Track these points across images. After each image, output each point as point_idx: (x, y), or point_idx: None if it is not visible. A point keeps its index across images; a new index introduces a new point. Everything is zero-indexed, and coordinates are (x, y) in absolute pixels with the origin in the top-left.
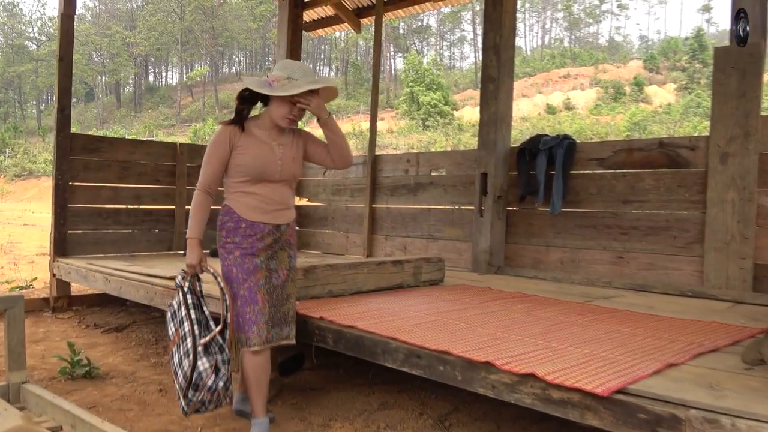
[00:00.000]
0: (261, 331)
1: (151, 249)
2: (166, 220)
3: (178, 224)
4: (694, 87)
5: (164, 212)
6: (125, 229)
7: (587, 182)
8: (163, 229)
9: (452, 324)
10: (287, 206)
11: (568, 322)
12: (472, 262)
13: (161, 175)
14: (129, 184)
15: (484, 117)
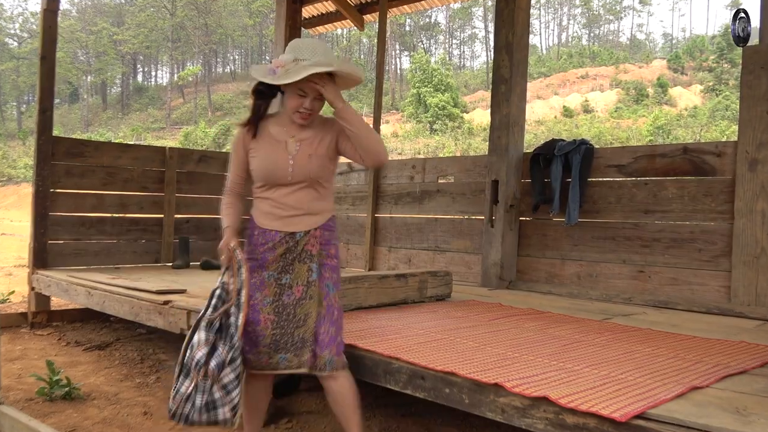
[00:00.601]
0: (261, 355)
1: (138, 261)
2: (153, 229)
3: (167, 234)
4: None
5: (152, 221)
6: (110, 239)
7: (606, 190)
8: (150, 239)
9: (459, 343)
10: (306, 211)
11: (585, 342)
12: (482, 276)
13: (149, 182)
14: (114, 191)
15: (496, 120)
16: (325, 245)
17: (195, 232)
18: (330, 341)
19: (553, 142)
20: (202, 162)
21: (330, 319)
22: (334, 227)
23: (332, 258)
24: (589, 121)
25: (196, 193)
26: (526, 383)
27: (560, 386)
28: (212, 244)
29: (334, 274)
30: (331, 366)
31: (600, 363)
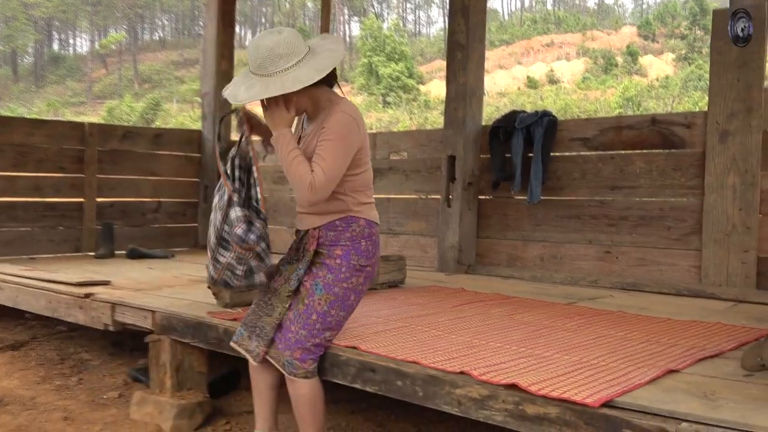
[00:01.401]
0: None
1: (55, 250)
2: (73, 215)
3: (88, 220)
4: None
5: (71, 206)
6: (23, 226)
7: (570, 166)
8: (69, 226)
9: (421, 331)
10: (308, 211)
11: (554, 327)
12: (439, 260)
13: (67, 162)
14: (27, 173)
15: (452, 90)
16: (330, 246)
17: (120, 217)
18: (295, 343)
19: (514, 114)
20: (127, 139)
21: (303, 321)
22: (345, 229)
23: (335, 259)
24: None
25: (120, 174)
26: (494, 371)
27: (530, 373)
28: (139, 230)
29: (330, 275)
30: (290, 368)
31: (571, 348)
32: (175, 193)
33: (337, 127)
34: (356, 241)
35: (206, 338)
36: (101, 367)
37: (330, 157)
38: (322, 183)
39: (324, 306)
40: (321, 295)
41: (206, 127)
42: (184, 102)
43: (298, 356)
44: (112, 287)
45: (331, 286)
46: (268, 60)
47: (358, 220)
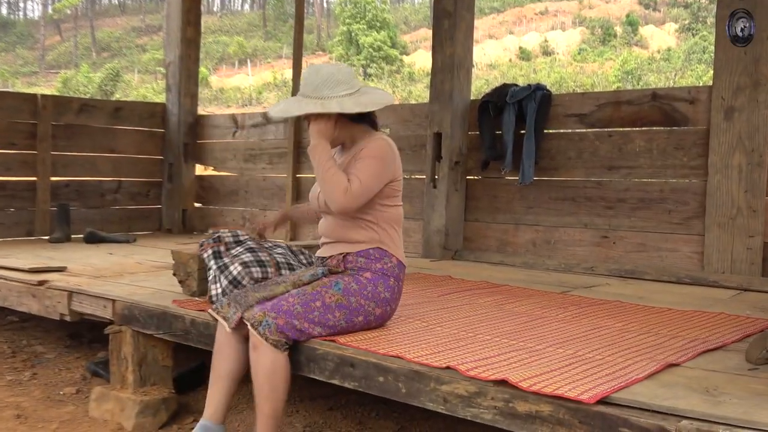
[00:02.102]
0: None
1: (5, 234)
2: (24, 195)
3: (41, 201)
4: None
5: (22, 186)
6: None
7: (565, 144)
8: (20, 207)
9: (405, 323)
10: (335, 239)
11: (547, 318)
12: (423, 245)
13: (18, 137)
14: None
15: (438, 62)
16: (360, 270)
17: (76, 198)
18: (285, 312)
19: (505, 87)
20: (84, 112)
21: (305, 300)
22: (377, 260)
23: (364, 277)
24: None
25: (76, 151)
26: (483, 366)
27: (521, 368)
28: (98, 212)
29: (354, 285)
30: (264, 328)
31: (565, 341)
32: (137, 172)
33: (376, 149)
34: (386, 275)
35: (171, 329)
36: (57, 360)
37: (367, 172)
38: (358, 191)
39: (333, 302)
40: (336, 292)
41: (170, 99)
42: (146, 72)
43: (281, 323)
44: (68, 274)
45: (351, 293)
46: (327, 83)
47: (391, 257)
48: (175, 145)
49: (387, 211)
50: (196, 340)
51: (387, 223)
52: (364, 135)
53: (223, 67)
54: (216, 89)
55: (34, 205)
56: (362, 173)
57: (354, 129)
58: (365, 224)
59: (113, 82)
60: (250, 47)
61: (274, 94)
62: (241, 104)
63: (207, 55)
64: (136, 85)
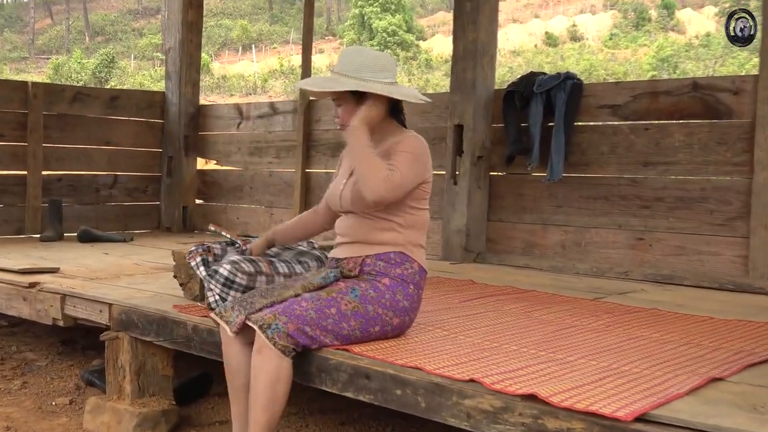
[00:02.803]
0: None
1: None
2: (13, 191)
3: (32, 197)
4: None
5: (11, 180)
6: None
7: (597, 137)
8: (9, 203)
9: (424, 331)
10: (355, 239)
11: (578, 327)
12: (443, 246)
13: (6, 128)
14: None
15: (460, 48)
16: (378, 274)
17: (70, 193)
18: (297, 317)
19: (532, 76)
20: (78, 102)
21: (319, 306)
22: (397, 264)
23: (382, 283)
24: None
25: (70, 143)
26: (509, 379)
27: (551, 382)
28: (92, 208)
29: (372, 292)
30: (273, 331)
31: (598, 352)
32: (135, 166)
33: (413, 146)
34: (406, 281)
35: (172, 336)
36: (49, 368)
37: (406, 165)
38: (398, 182)
39: (349, 310)
40: (353, 299)
41: (170, 88)
42: (143, 58)
43: (292, 328)
44: (61, 275)
45: (368, 301)
46: (370, 67)
47: (413, 262)
48: (175, 137)
49: (416, 214)
50: (198, 348)
51: (413, 227)
52: (395, 131)
53: (226, 53)
54: (218, 77)
55: (24, 201)
56: (402, 166)
57: (385, 124)
58: (391, 226)
59: (108, 68)
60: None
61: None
62: (245, 93)
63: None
64: (133, 72)
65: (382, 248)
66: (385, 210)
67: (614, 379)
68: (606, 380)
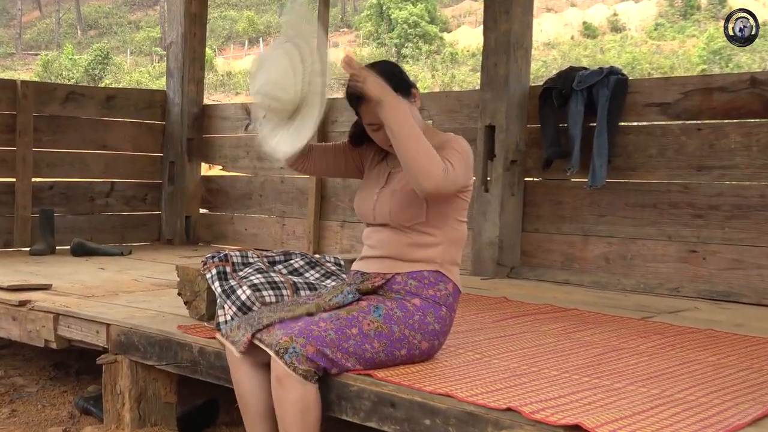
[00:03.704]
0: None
1: None
2: (1, 199)
3: (21, 206)
4: None
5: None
6: None
7: (644, 139)
8: None
9: (455, 354)
10: (389, 254)
11: (625, 349)
12: (473, 260)
13: None
14: None
15: (491, 41)
16: (408, 294)
17: (62, 202)
18: (316, 338)
19: (572, 71)
20: (72, 102)
21: (339, 326)
22: (431, 285)
23: (411, 303)
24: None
25: (62, 147)
26: (550, 408)
27: (596, 411)
28: (87, 219)
29: (398, 311)
30: (291, 356)
31: (648, 378)
32: (133, 172)
33: (460, 145)
34: (438, 304)
35: (176, 360)
36: (40, 394)
37: (459, 163)
38: (454, 177)
39: (372, 330)
40: (376, 318)
41: (172, 86)
42: (140, 54)
43: (311, 351)
44: (53, 293)
45: (394, 321)
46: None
47: (448, 282)
48: (178, 140)
49: (457, 229)
50: (205, 372)
51: (453, 243)
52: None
53: (231, 48)
54: (222, 73)
55: (13, 210)
56: (456, 162)
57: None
58: (430, 241)
59: (102, 65)
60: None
61: None
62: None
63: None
64: (129, 68)
65: (417, 266)
66: (425, 223)
67: (667, 408)
68: (658, 409)
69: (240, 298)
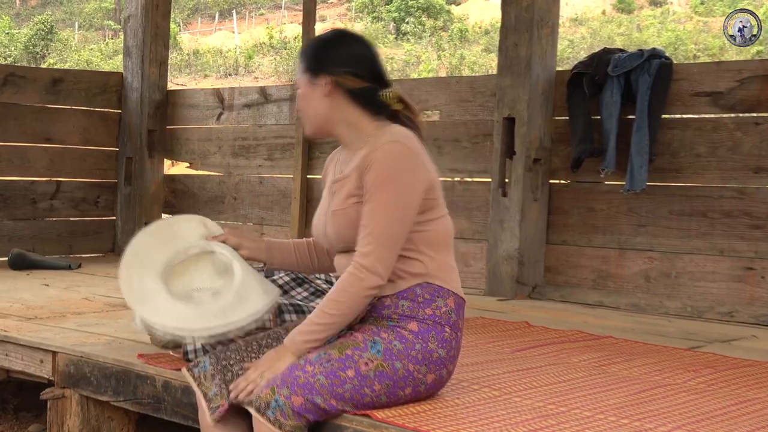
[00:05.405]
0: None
1: None
2: None
3: None
4: None
5: None
6: None
7: (692, 135)
8: None
9: (469, 391)
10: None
11: (670, 386)
12: (488, 277)
13: None
14: None
15: (510, 17)
16: (402, 318)
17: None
18: (303, 386)
19: (606, 54)
20: (10, 86)
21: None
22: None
23: (408, 331)
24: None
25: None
26: None
27: None
28: (27, 225)
29: (398, 343)
30: (276, 412)
31: (698, 421)
32: (83, 170)
33: (385, 164)
34: (440, 324)
35: (136, 395)
36: None
37: (378, 220)
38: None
39: (371, 371)
40: (374, 356)
41: (130, 67)
42: (89, 28)
43: (298, 404)
44: None
45: (394, 356)
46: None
47: (447, 296)
48: (136, 132)
49: (429, 230)
50: (171, 411)
51: (432, 246)
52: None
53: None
54: (188, 52)
55: None
56: (379, 225)
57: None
58: (409, 254)
59: (45, 41)
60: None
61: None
62: (222, 74)
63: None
64: (77, 45)
65: (404, 283)
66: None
67: None
68: None
69: None
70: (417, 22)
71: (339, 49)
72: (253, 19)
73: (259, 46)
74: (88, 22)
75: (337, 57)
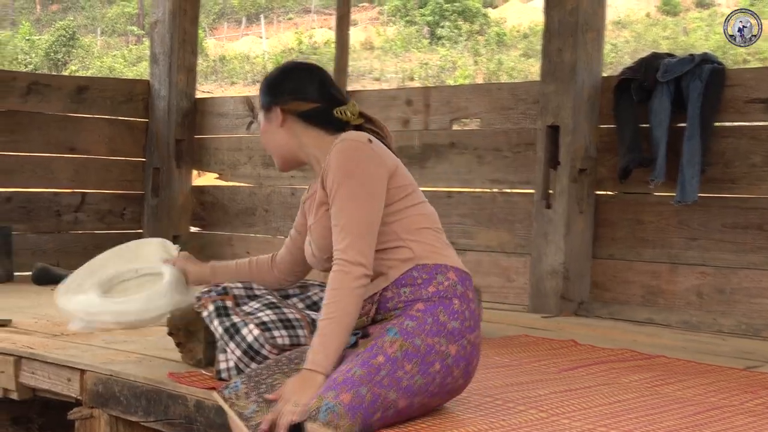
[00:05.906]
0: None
1: None
2: None
3: None
4: None
5: None
6: None
7: (747, 144)
8: None
9: (514, 412)
10: None
11: (727, 408)
12: (532, 293)
13: None
14: None
15: (554, 21)
16: (408, 304)
17: (22, 218)
18: (344, 383)
19: (655, 59)
20: (34, 94)
21: (362, 360)
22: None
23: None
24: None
25: (22, 150)
26: None
27: None
28: (52, 238)
29: (409, 322)
30: (328, 415)
31: None
32: (109, 181)
33: (340, 161)
34: (446, 299)
35: (167, 415)
36: None
37: (347, 213)
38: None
39: (397, 351)
40: (394, 337)
41: (157, 75)
42: (112, 34)
43: (347, 401)
44: (13, 330)
45: (411, 334)
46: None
47: (445, 270)
48: (164, 141)
49: (408, 217)
50: (203, 431)
51: (414, 232)
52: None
53: (225, 27)
54: (214, 58)
55: None
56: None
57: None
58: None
59: (67, 47)
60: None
61: None
62: (250, 81)
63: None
64: (100, 51)
65: (397, 271)
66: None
67: None
68: None
69: (246, 339)
70: (452, 26)
71: (284, 80)
72: (281, 23)
73: (288, 52)
74: (110, 28)
75: (282, 88)
